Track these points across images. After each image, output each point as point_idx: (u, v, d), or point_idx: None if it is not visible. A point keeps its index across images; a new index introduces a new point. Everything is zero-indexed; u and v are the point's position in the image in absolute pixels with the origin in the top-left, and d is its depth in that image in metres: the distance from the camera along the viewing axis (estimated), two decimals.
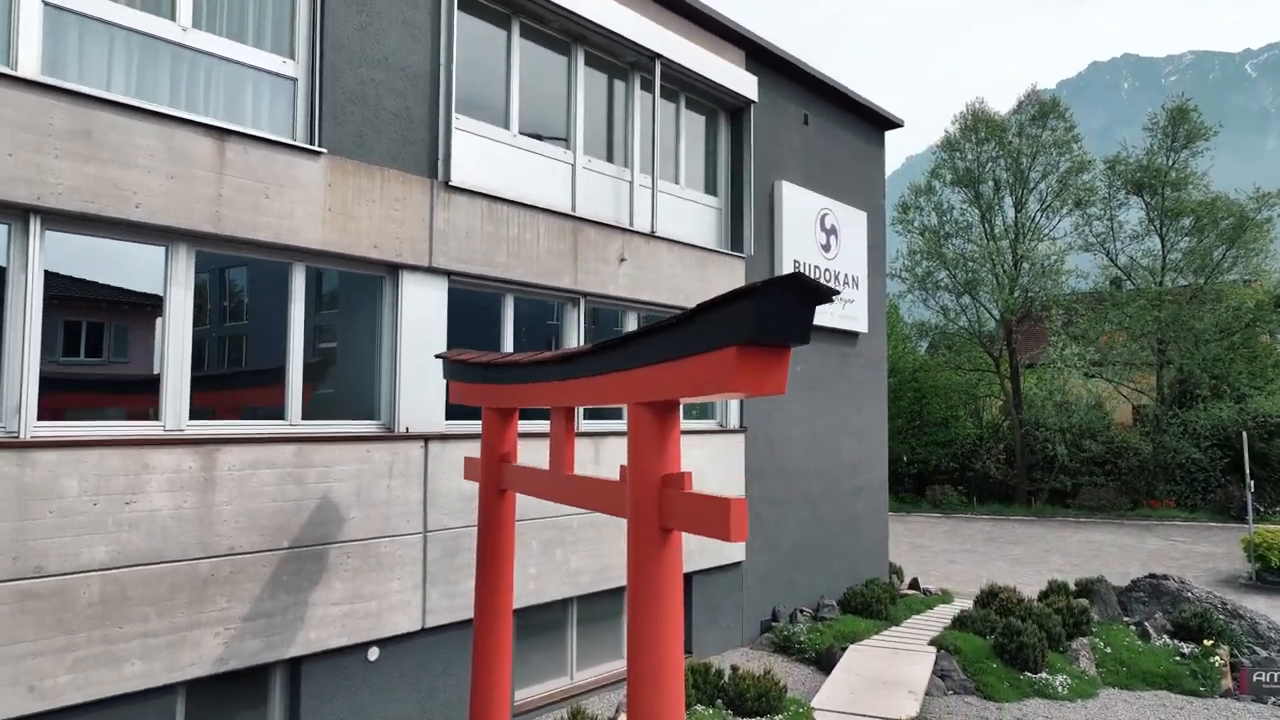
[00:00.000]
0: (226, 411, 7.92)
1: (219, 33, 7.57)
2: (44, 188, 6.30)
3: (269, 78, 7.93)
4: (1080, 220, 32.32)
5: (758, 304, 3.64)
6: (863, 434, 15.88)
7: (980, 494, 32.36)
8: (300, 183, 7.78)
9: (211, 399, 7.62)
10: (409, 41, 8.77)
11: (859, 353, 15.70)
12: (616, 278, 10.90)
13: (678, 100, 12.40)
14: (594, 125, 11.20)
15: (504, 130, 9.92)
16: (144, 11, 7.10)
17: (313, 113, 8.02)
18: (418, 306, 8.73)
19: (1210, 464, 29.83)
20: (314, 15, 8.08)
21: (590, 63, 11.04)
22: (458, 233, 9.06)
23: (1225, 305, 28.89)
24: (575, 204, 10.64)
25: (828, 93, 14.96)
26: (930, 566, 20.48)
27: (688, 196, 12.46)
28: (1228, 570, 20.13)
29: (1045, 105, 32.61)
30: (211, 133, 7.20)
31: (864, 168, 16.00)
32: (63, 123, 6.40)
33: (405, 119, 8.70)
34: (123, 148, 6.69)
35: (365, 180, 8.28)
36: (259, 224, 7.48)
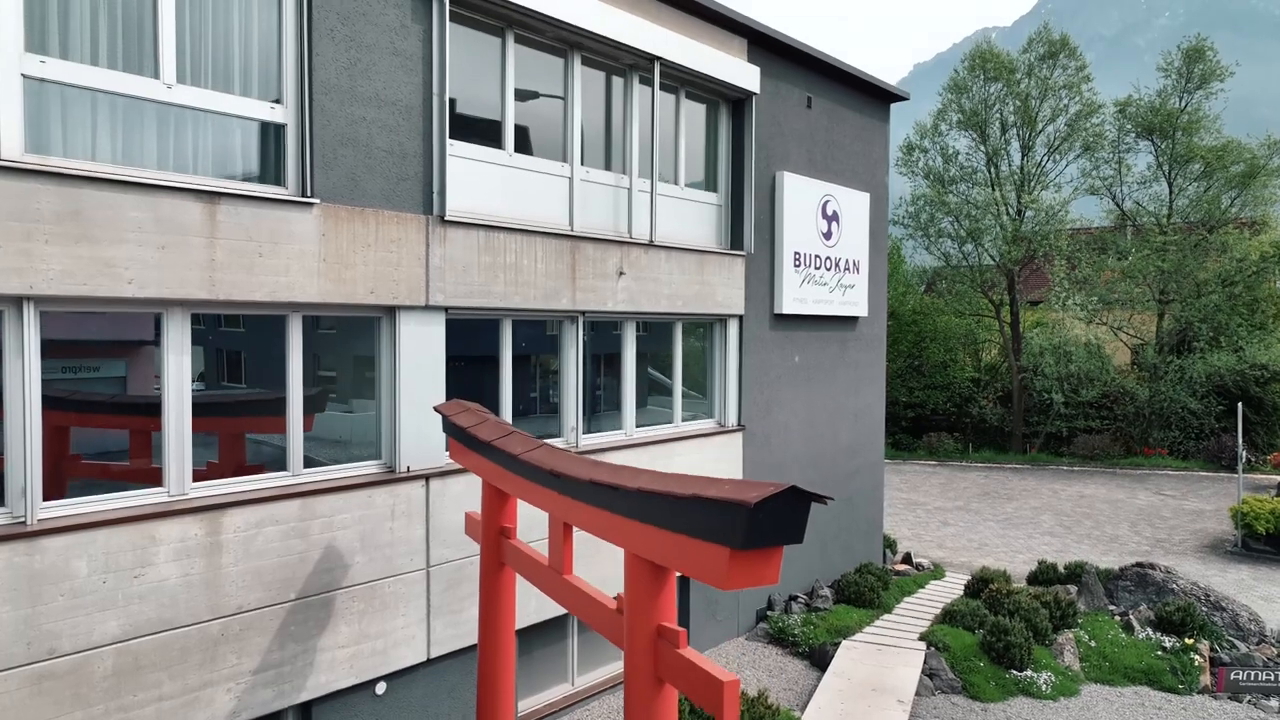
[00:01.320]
0: (228, 442, 8.05)
1: (204, 85, 7.36)
2: (35, 275, 6.25)
3: (258, 125, 7.75)
4: (1088, 164, 31.78)
5: (750, 518, 3.69)
6: (860, 414, 16.01)
7: (976, 440, 32.72)
8: (294, 236, 7.69)
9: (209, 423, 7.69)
10: (400, 73, 8.53)
11: (858, 336, 15.70)
12: (615, 292, 10.84)
13: (678, 95, 12.10)
14: (592, 130, 10.96)
15: (499, 151, 9.72)
16: (126, 73, 6.90)
17: (303, 158, 7.87)
18: (416, 345, 8.73)
19: (1205, 411, 30.07)
20: (301, 57, 7.84)
21: (587, 64, 10.74)
22: (455, 267, 8.98)
23: (1229, 256, 28.67)
24: (573, 219, 10.51)
25: (831, 73, 14.57)
26: (924, 530, 20.89)
27: (687, 196, 12.28)
28: (1215, 532, 20.54)
29: (1055, 43, 31.69)
30: (202, 197, 7.08)
31: (868, 147, 15.70)
32: (51, 206, 6.31)
33: (398, 155, 8.54)
34: (113, 224, 6.60)
35: (359, 225, 8.17)
36: (254, 284, 7.42)
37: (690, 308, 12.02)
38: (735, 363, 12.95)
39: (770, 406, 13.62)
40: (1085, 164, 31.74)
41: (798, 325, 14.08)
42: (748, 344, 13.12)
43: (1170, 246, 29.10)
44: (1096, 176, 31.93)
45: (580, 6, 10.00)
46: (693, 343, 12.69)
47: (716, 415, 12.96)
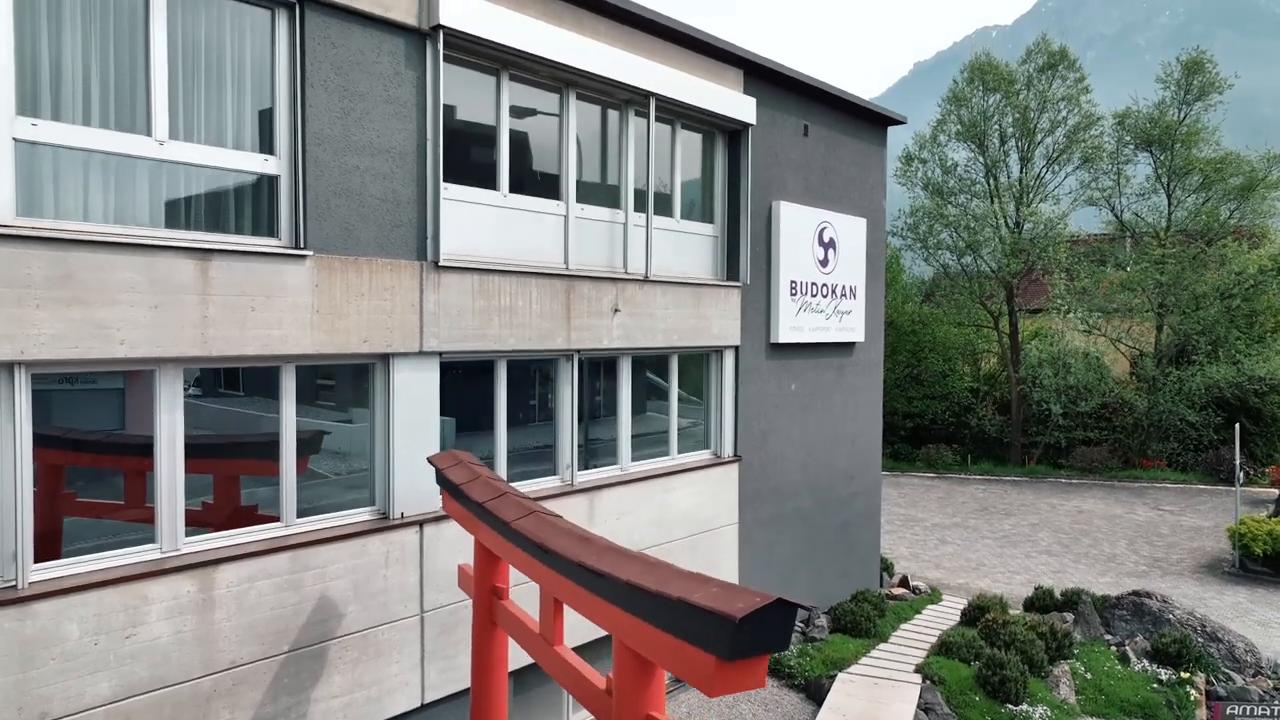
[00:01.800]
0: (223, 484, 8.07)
1: (197, 140, 7.36)
2: (27, 340, 6.24)
3: (251, 178, 7.74)
4: (1086, 176, 31.77)
5: (736, 632, 3.69)
6: (857, 439, 16.00)
7: (975, 451, 32.70)
8: (287, 289, 7.68)
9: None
10: (393, 120, 8.52)
11: (855, 361, 15.69)
12: (610, 329, 10.83)
13: (673, 127, 12.09)
14: (587, 165, 10.96)
15: (494, 192, 9.71)
16: (118, 131, 6.90)
17: (297, 210, 7.86)
18: (409, 391, 8.72)
19: (1203, 423, 30.07)
20: (294, 108, 7.83)
21: (582, 99, 10.72)
22: (449, 312, 8.98)
23: (1228, 269, 28.65)
24: (568, 257, 10.50)
25: (828, 99, 14.56)
26: (921, 549, 20.89)
27: (683, 229, 12.27)
28: (1213, 550, 20.54)
29: (1054, 54, 31.65)
30: (194, 255, 7.08)
31: (865, 172, 15.69)
32: (42, 270, 6.30)
33: (392, 202, 8.53)
34: (105, 285, 6.59)
35: (353, 275, 8.16)
36: (247, 338, 7.42)
37: (686, 341, 12.01)
38: (731, 393, 12.94)
39: (767, 436, 13.61)
40: (1084, 175, 31.72)
41: (794, 354, 14.08)
42: (744, 374, 13.11)
43: (1169, 260, 29.07)
44: (1095, 188, 31.92)
45: (574, 47, 9.99)
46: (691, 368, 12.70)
47: (713, 446, 12.95)
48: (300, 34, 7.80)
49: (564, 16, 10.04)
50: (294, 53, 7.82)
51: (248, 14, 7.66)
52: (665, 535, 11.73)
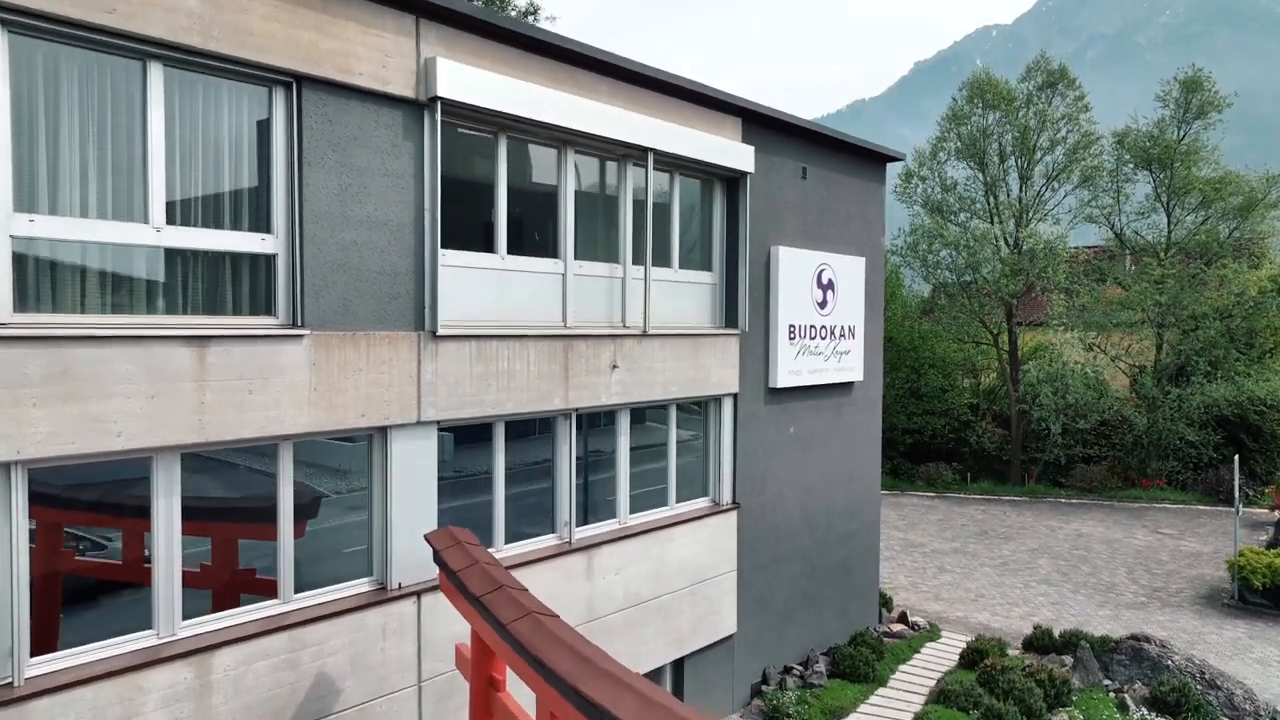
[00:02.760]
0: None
1: (194, 224, 7.36)
2: (23, 440, 6.24)
3: (247, 258, 7.74)
4: (1086, 195, 31.78)
5: None
6: (856, 476, 16.00)
7: (975, 467, 32.68)
8: (284, 369, 7.68)
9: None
10: (391, 192, 8.52)
11: (853, 400, 15.70)
12: (609, 386, 10.84)
13: (672, 176, 12.08)
14: (585, 218, 10.94)
15: (492, 255, 9.71)
16: (115, 221, 6.90)
17: (294, 288, 7.86)
18: (407, 461, 8.73)
19: (1203, 442, 30.07)
20: (291, 187, 7.83)
21: (580, 155, 10.71)
22: (446, 380, 8.98)
23: (1227, 290, 28.64)
24: (566, 314, 10.50)
25: (826, 141, 14.56)
26: (920, 577, 20.89)
27: (682, 278, 12.27)
28: (1212, 579, 20.53)
29: (1053, 72, 31.64)
30: (191, 343, 7.08)
31: (864, 210, 15.68)
32: (39, 368, 6.30)
33: (390, 275, 8.53)
34: (101, 378, 6.59)
35: (350, 351, 8.17)
36: (244, 421, 7.42)
37: (685, 392, 12.02)
38: (730, 440, 12.94)
39: (765, 480, 13.61)
40: (1084, 194, 31.72)
41: (793, 396, 14.08)
42: (743, 420, 13.11)
43: (1168, 280, 29.06)
44: (1095, 205, 31.93)
45: (573, 108, 9.99)
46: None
47: (711, 493, 12.95)
48: (297, 112, 7.80)
49: (562, 77, 10.04)
50: (291, 131, 7.82)
51: (245, 93, 7.66)
52: (664, 587, 11.73)
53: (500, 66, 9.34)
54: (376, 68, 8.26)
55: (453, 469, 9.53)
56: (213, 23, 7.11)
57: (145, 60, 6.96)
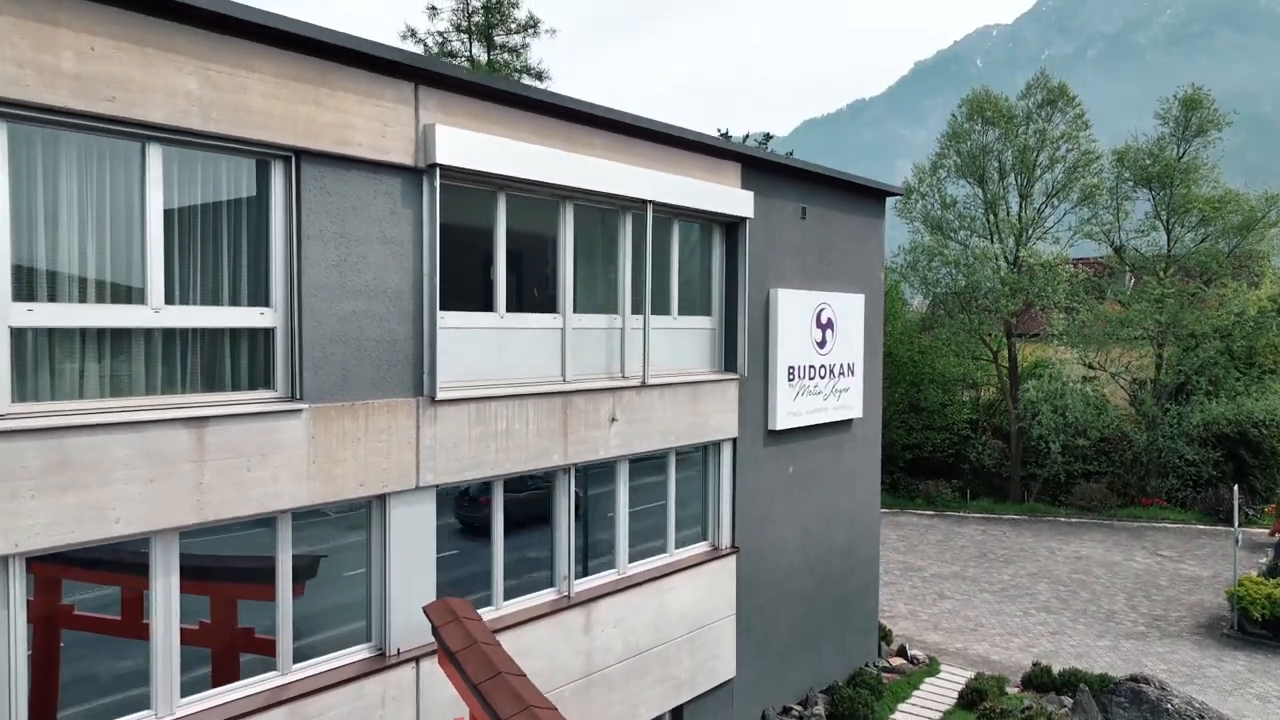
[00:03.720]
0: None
1: (192, 302, 7.36)
2: (21, 533, 6.25)
3: (246, 333, 7.74)
4: (1087, 213, 31.79)
5: None
6: (855, 513, 16.01)
7: (974, 484, 32.68)
8: (283, 444, 7.68)
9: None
10: (390, 260, 8.52)
11: (853, 436, 15.70)
12: (608, 439, 10.84)
13: (671, 224, 12.07)
14: (584, 270, 10.94)
15: (491, 314, 9.72)
16: (114, 304, 6.90)
17: (293, 361, 7.86)
18: (406, 527, 8.73)
19: (1202, 460, 30.09)
20: (289, 261, 7.83)
21: (579, 209, 10.70)
22: (445, 445, 8.98)
23: (1226, 310, 28.63)
24: (565, 369, 10.50)
25: (826, 181, 14.56)
26: (919, 605, 20.89)
27: (681, 325, 12.28)
28: (1212, 607, 20.53)
29: (1053, 90, 31.65)
30: (190, 424, 7.08)
31: (863, 246, 15.69)
32: (38, 460, 6.30)
33: (389, 342, 8.53)
34: (100, 465, 6.59)
35: (349, 422, 8.17)
36: (243, 498, 7.43)
37: (684, 440, 12.02)
38: (729, 485, 12.95)
39: (764, 523, 13.61)
40: (1084, 212, 31.73)
41: (792, 437, 14.08)
42: (741, 464, 13.11)
43: (1168, 299, 29.05)
44: (1095, 223, 31.94)
45: (571, 166, 10.00)
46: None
47: (710, 538, 12.96)
48: (296, 185, 7.81)
49: (560, 133, 10.04)
50: (289, 205, 7.82)
51: (244, 168, 7.67)
52: (663, 636, 11.74)
53: (498, 128, 9.35)
54: (375, 137, 8.26)
55: (452, 512, 9.58)
56: (212, 104, 7.11)
57: (144, 142, 6.96)
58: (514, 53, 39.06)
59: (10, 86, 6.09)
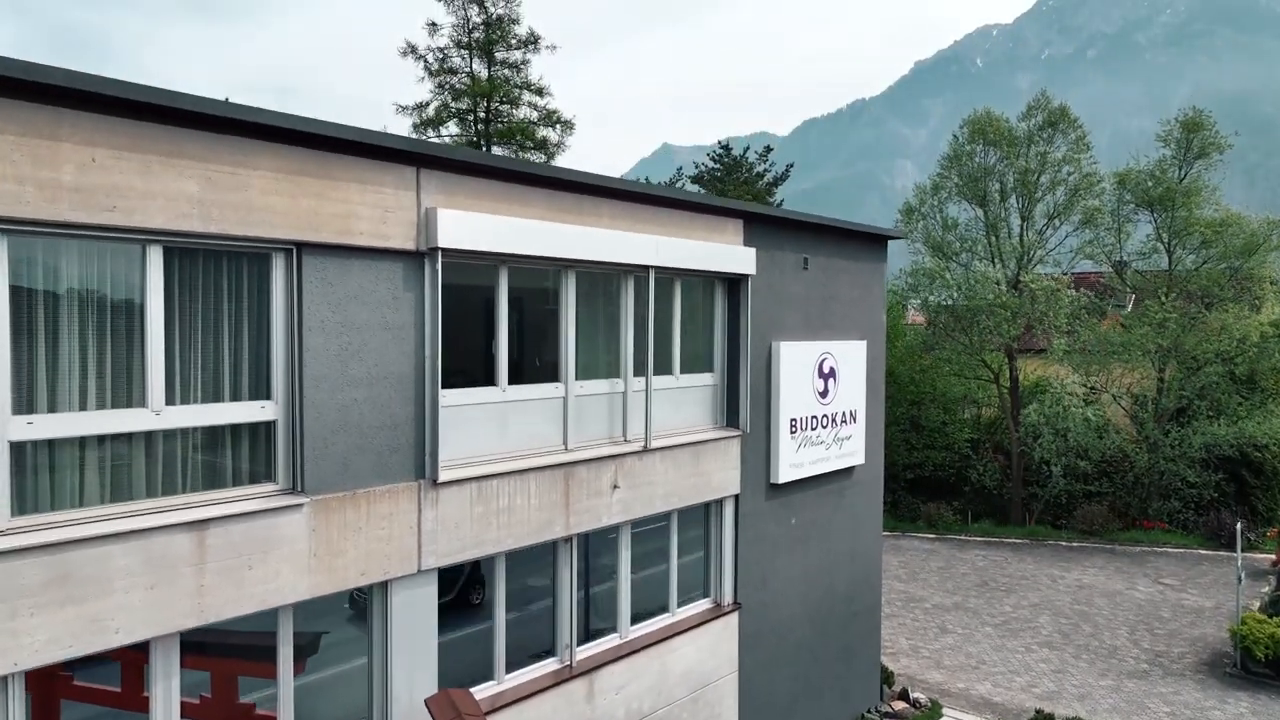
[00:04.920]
0: None
1: (192, 401, 7.32)
2: (20, 652, 6.20)
3: (247, 427, 7.70)
4: (1089, 234, 31.79)
5: None
6: (857, 557, 15.97)
7: (975, 505, 32.64)
8: (284, 539, 7.64)
9: None
10: (392, 345, 8.48)
11: (855, 481, 15.66)
12: (610, 506, 10.80)
13: (673, 284, 12.02)
14: (586, 335, 10.88)
15: (493, 389, 9.68)
16: (115, 409, 6.86)
17: (294, 453, 7.83)
18: (407, 613, 8.68)
19: (1204, 483, 30.07)
20: (290, 354, 7.80)
21: (582, 281, 10.66)
22: (447, 526, 8.95)
23: (1228, 335, 28.58)
24: (567, 437, 10.46)
25: (827, 231, 14.52)
26: (921, 640, 20.86)
27: (683, 384, 12.23)
28: (1215, 642, 20.48)
29: (1054, 111, 31.62)
30: (191, 528, 7.04)
31: (865, 292, 15.64)
32: (37, 576, 6.26)
33: (390, 427, 8.49)
34: (100, 577, 6.56)
35: (350, 511, 8.13)
36: (244, 597, 7.39)
37: (686, 501, 11.99)
38: (731, 541, 12.91)
39: (766, 577, 13.57)
40: (1086, 234, 31.72)
41: (794, 489, 14.03)
42: (744, 519, 13.08)
43: (1169, 323, 29.01)
44: (1096, 245, 31.94)
45: (574, 237, 9.97)
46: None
47: (713, 594, 12.92)
48: (297, 278, 7.77)
49: (563, 205, 10.00)
50: (291, 297, 7.78)
51: (244, 263, 7.63)
52: (665, 699, 11.71)
53: (500, 205, 9.31)
54: (377, 225, 8.22)
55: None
56: (213, 204, 7.08)
57: (145, 245, 6.92)
58: (514, 68, 38.97)
59: (11, 205, 6.06)
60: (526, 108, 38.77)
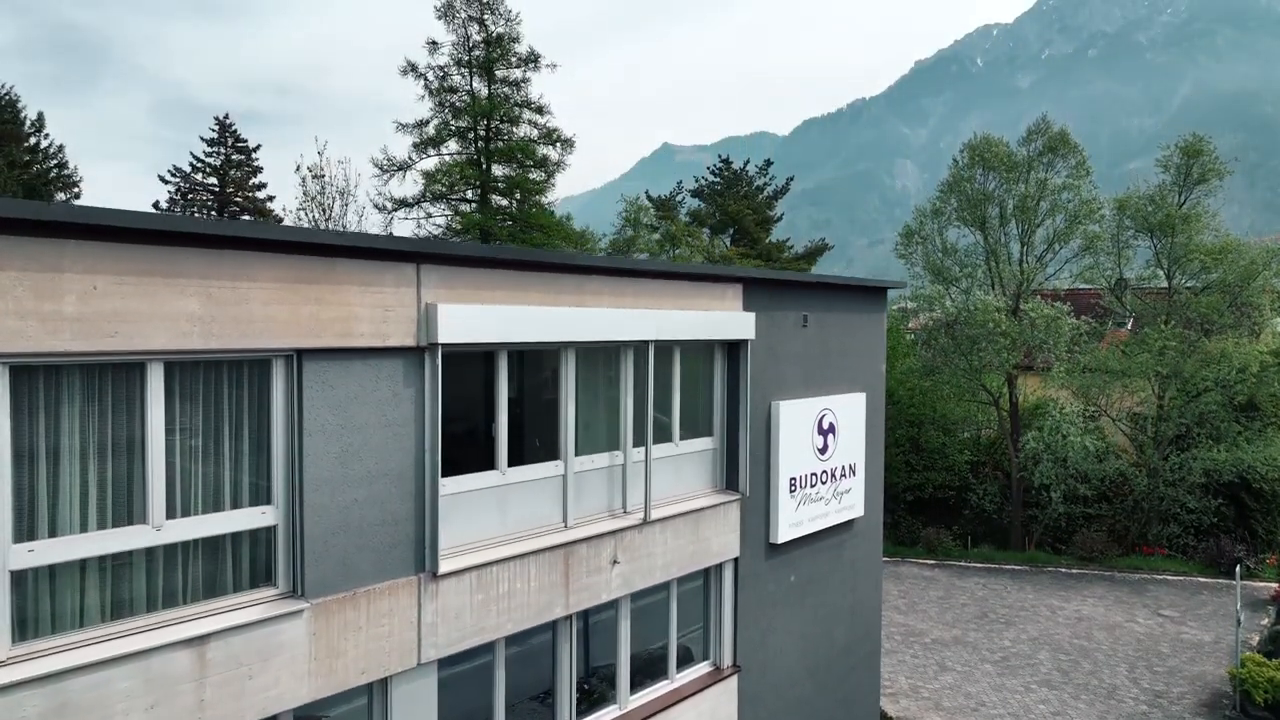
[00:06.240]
0: None
1: (193, 513, 7.33)
2: None
3: (247, 533, 7.71)
4: (1090, 260, 31.84)
5: None
6: (857, 608, 15.98)
7: (975, 529, 32.71)
8: (284, 646, 7.66)
9: None
10: (392, 442, 8.49)
11: (854, 533, 15.67)
12: (609, 582, 10.82)
13: (673, 354, 12.03)
14: (585, 409, 10.90)
15: (493, 473, 9.69)
16: (115, 528, 6.87)
17: (294, 557, 7.84)
18: (406, 707, 8.69)
19: (1203, 509, 30.11)
20: (291, 456, 7.80)
21: (582, 358, 10.68)
22: (447, 618, 8.96)
23: (1227, 363, 28.60)
24: (567, 515, 10.48)
25: (827, 288, 14.54)
26: (921, 678, 20.89)
27: (683, 450, 12.25)
28: (1214, 681, 20.53)
29: (1054, 137, 31.64)
30: (191, 645, 7.05)
31: (866, 343, 15.65)
32: (37, 707, 6.27)
33: (390, 523, 8.50)
34: (101, 703, 6.56)
35: (350, 612, 8.14)
36: (244, 708, 7.40)
37: (686, 569, 12.01)
38: (730, 604, 12.93)
39: (766, 636, 13.59)
40: (1087, 259, 31.77)
41: (793, 546, 14.05)
42: (743, 581, 13.09)
43: (1168, 351, 29.03)
44: (1096, 270, 31.99)
45: (573, 322, 9.98)
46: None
47: (712, 656, 12.94)
48: (298, 383, 7.78)
49: (563, 287, 10.01)
50: (291, 402, 7.79)
51: (244, 371, 7.64)
52: None
53: (499, 292, 9.32)
54: (378, 325, 8.23)
55: None
56: (214, 320, 7.09)
57: (145, 362, 6.94)
58: (514, 86, 39.00)
59: (12, 340, 6.07)
60: (527, 126, 38.85)
